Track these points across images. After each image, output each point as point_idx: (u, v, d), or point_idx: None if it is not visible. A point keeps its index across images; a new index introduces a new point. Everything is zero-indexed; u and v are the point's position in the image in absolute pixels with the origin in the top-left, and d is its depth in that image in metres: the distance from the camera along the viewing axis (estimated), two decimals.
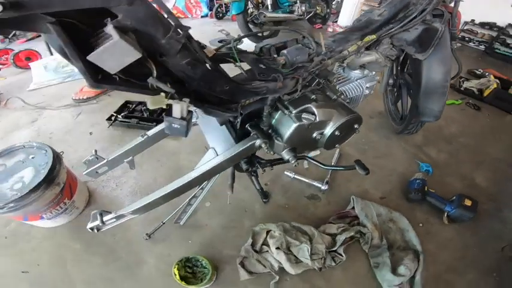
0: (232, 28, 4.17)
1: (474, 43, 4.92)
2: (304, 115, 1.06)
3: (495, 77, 3.42)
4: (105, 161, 1.36)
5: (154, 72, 0.73)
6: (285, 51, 1.14)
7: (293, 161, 1.15)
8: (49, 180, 1.41)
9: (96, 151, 1.34)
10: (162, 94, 0.76)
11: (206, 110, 0.95)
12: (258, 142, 1.10)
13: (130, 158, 1.43)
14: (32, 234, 1.58)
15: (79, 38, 0.62)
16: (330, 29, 4.55)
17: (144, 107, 2.34)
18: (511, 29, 4.58)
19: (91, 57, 0.59)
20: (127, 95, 2.59)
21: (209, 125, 1.29)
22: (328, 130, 1.13)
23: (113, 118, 2.21)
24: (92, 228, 1.14)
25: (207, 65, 0.83)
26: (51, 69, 3.17)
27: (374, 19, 1.45)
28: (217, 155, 1.15)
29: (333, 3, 4.71)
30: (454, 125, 2.61)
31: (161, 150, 2.00)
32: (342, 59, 1.26)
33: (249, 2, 3.47)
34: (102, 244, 1.52)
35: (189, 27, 0.70)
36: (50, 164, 1.44)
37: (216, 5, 4.96)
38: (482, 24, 4.77)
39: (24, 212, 1.41)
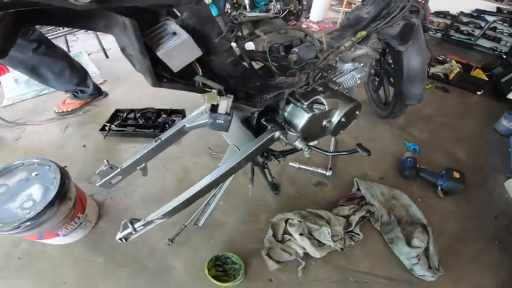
0: None
1: (432, 31, 5.33)
2: (315, 106, 1.17)
3: (456, 61, 3.78)
4: (118, 169, 1.34)
5: (200, 70, 0.77)
6: (296, 49, 1.23)
7: (306, 150, 1.23)
8: (61, 195, 1.36)
9: (108, 161, 1.31)
10: (214, 91, 0.81)
11: (236, 105, 1.00)
12: (277, 134, 1.17)
13: (143, 164, 1.42)
14: (47, 252, 1.50)
15: None
16: (304, 25, 4.71)
17: (138, 114, 2.29)
18: (463, 17, 5.05)
19: (161, 54, 0.62)
20: (116, 104, 2.53)
21: None
22: (336, 118, 1.24)
23: (106, 128, 2.14)
24: (121, 239, 1.14)
25: (246, 63, 0.89)
26: (23, 82, 2.96)
27: (363, 17, 1.59)
28: (240, 150, 1.20)
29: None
30: (428, 107, 2.86)
31: (165, 156, 1.97)
32: (339, 53, 1.38)
33: (227, 4, 3.51)
34: (125, 255, 1.49)
35: (239, 26, 0.75)
36: (59, 179, 1.38)
37: None
38: (437, 13, 5.20)
39: (39, 231, 1.35)
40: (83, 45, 3.94)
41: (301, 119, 1.17)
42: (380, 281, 1.44)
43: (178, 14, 0.66)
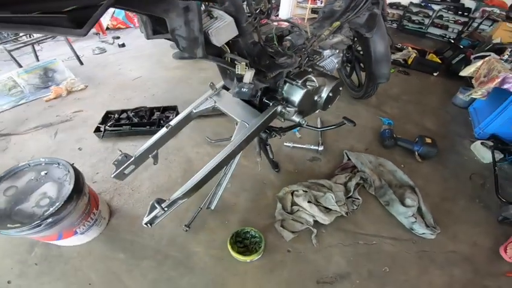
0: None
1: (387, 22, 5.82)
2: (308, 83, 1.37)
3: (412, 48, 4.22)
4: (133, 158, 1.39)
5: (228, 49, 0.97)
6: (289, 37, 1.45)
7: (303, 122, 1.41)
8: (78, 189, 1.37)
9: (121, 150, 1.37)
10: (243, 63, 0.98)
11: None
12: (279, 108, 1.35)
13: (155, 152, 1.49)
14: (65, 255, 1.48)
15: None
16: (275, 23, 4.92)
17: (132, 114, 2.31)
18: (413, 7, 5.58)
19: (212, 32, 0.77)
20: (104, 107, 2.52)
21: (229, 105, 1.46)
22: (324, 93, 1.45)
23: (102, 129, 2.15)
24: (146, 223, 1.20)
25: (261, 44, 1.06)
26: None
27: (336, 10, 1.84)
28: (248, 125, 1.33)
29: None
30: (395, 88, 3.21)
31: (166, 149, 2.04)
32: (321, 41, 1.60)
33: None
34: (145, 248, 1.51)
35: (263, 14, 0.93)
36: (73, 174, 1.40)
37: None
38: (391, 5, 5.67)
39: (59, 229, 1.34)
40: (51, 54, 3.80)
41: (297, 95, 1.36)
42: (386, 241, 1.60)
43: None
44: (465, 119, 2.68)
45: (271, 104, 1.37)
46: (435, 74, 3.74)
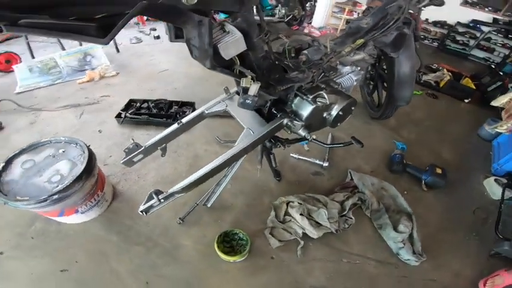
0: None
1: (428, 40, 5.57)
2: (318, 99, 1.37)
3: (448, 70, 4.01)
4: (143, 148, 1.49)
5: (238, 61, 1.02)
6: (305, 52, 1.48)
7: (309, 137, 1.43)
8: (88, 170, 1.49)
9: (133, 139, 1.45)
10: (249, 76, 1.04)
11: (259, 92, 1.20)
12: (285, 121, 1.37)
13: (164, 145, 1.58)
14: (62, 232, 1.59)
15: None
16: (306, 30, 4.94)
17: (152, 104, 2.45)
18: (460, 27, 5.21)
19: (221, 46, 0.87)
20: (129, 95, 2.68)
21: (239, 111, 1.51)
22: (335, 111, 1.44)
23: (122, 115, 2.31)
24: (142, 211, 1.29)
25: (271, 59, 1.11)
26: (37, 71, 3.10)
27: (362, 26, 1.81)
28: (253, 133, 1.38)
29: (307, 5, 5.09)
30: (419, 111, 3.09)
31: (176, 143, 2.14)
32: (340, 57, 1.59)
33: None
34: (138, 234, 1.60)
35: (271, 32, 0.99)
36: (87, 155, 1.52)
37: None
38: (435, 23, 5.39)
39: (63, 206, 1.44)
40: None
41: (306, 110, 1.38)
42: (370, 263, 1.60)
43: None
44: (486, 153, 2.53)
45: (278, 116, 1.41)
46: (466, 100, 3.53)
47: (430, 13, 5.27)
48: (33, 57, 3.38)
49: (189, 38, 0.94)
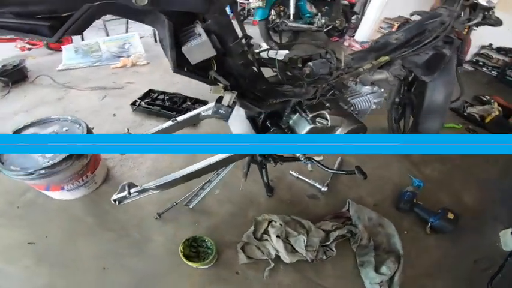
0: (253, 32, 4.35)
1: (487, 68, 4.82)
2: (318, 119, 1.24)
3: (499, 104, 3.50)
4: None
5: (215, 66, 0.95)
6: (310, 64, 1.34)
7: (302, 158, 1.32)
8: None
9: (128, 130, 1.48)
10: (220, 85, 0.97)
11: (242, 103, 1.13)
12: None
13: None
14: (46, 206, 1.67)
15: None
16: (346, 43, 4.73)
17: (167, 97, 2.52)
18: None
19: (184, 50, 0.82)
20: (151, 85, 2.79)
21: (233, 118, 1.45)
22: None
23: (136, 103, 2.40)
24: (115, 200, 1.30)
25: (255, 67, 1.03)
26: (81, 53, 3.38)
27: (391, 42, 1.61)
28: None
29: (353, 18, 4.87)
30: None
31: None
32: (357, 75, 1.43)
33: (272, 10, 3.66)
34: (114, 220, 1.63)
35: (252, 37, 0.92)
36: None
37: (240, 8, 5.11)
38: (499, 49, 4.70)
39: (49, 181, 1.51)
40: (139, 28, 4.34)
41: (303, 129, 1.27)
42: None
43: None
44: None
45: (271, 130, 1.33)
46: None
47: (496, 38, 4.56)
48: (82, 39, 3.68)
49: (160, 38, 0.93)
